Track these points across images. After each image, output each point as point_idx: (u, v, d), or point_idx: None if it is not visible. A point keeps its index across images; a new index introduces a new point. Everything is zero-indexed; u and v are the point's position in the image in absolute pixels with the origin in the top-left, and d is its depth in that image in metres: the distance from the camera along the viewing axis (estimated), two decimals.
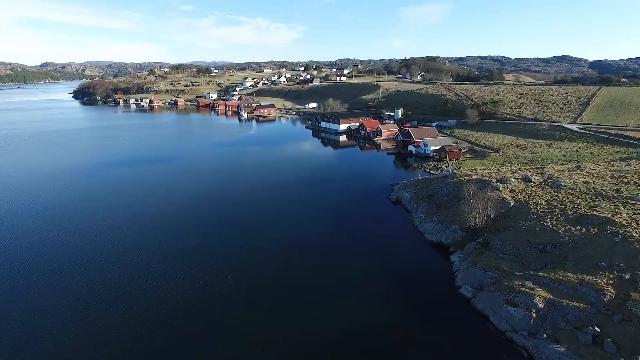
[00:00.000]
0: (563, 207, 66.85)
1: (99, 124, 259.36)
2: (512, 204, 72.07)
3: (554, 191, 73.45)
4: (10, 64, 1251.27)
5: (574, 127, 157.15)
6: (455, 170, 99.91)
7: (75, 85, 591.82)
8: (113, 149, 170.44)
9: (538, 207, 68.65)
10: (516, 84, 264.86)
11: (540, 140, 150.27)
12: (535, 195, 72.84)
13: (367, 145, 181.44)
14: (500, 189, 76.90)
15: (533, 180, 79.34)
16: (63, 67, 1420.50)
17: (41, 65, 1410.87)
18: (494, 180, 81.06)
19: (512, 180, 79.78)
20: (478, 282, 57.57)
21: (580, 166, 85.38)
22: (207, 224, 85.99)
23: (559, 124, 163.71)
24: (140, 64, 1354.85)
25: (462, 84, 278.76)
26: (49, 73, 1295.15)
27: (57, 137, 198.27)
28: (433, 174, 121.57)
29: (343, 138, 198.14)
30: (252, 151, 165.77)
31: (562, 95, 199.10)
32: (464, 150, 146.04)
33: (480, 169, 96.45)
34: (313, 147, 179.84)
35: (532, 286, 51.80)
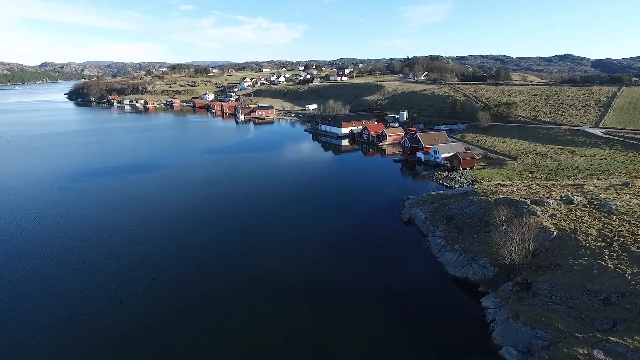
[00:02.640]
0: (622, 239, 53.95)
1: (87, 126, 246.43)
2: (555, 233, 59.14)
3: (604, 217, 60.55)
4: (9, 64, 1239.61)
5: (597, 131, 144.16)
6: (476, 186, 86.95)
7: (72, 85, 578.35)
8: (95, 155, 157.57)
9: (589, 239, 55.74)
10: (528, 84, 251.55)
11: (561, 147, 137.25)
12: (583, 223, 59.90)
13: (370, 150, 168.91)
14: (538, 213, 63.94)
15: (575, 201, 66.37)
16: (62, 67, 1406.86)
17: (40, 66, 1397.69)
18: (528, 202, 68.07)
19: (551, 202, 66.79)
20: (524, 343, 44.62)
21: (629, 183, 72.40)
22: (192, 245, 73.50)
23: (580, 128, 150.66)
24: (140, 63, 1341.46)
25: (469, 84, 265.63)
26: (47, 73, 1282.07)
27: (38, 142, 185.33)
28: (447, 187, 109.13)
29: (345, 142, 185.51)
30: (248, 158, 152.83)
31: (579, 97, 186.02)
32: (477, 157, 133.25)
33: (507, 185, 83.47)
34: (313, 153, 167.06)
35: (602, 357, 38.90)
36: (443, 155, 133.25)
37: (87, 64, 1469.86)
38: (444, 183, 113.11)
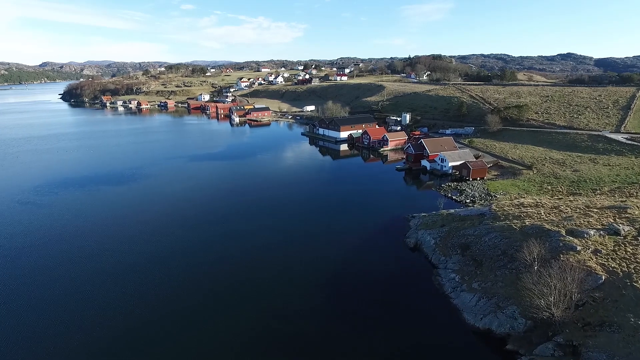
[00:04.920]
0: None
1: (74, 129, 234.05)
2: (603, 277, 46.87)
3: None
4: (8, 64, 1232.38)
5: (619, 137, 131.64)
6: (494, 206, 74.48)
7: (66, 86, 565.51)
8: (73, 162, 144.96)
9: None
10: (538, 85, 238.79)
11: (580, 154, 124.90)
12: (639, 263, 47.58)
13: (371, 156, 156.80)
14: (578, 248, 51.61)
15: (622, 232, 54.05)
16: (61, 67, 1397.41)
17: (41, 65, 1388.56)
18: (563, 232, 55.72)
19: (591, 232, 54.42)
20: None
21: None
22: (162, 274, 61.46)
23: (599, 133, 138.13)
24: (140, 63, 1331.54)
25: (475, 84, 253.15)
26: (46, 73, 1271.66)
27: (15, 147, 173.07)
28: (457, 201, 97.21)
29: (344, 147, 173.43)
30: (236, 166, 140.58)
31: (594, 98, 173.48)
32: (488, 166, 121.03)
33: (531, 207, 70.88)
34: (309, 159, 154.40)
35: None
36: (451, 164, 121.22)
37: (87, 64, 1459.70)
38: (453, 197, 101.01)
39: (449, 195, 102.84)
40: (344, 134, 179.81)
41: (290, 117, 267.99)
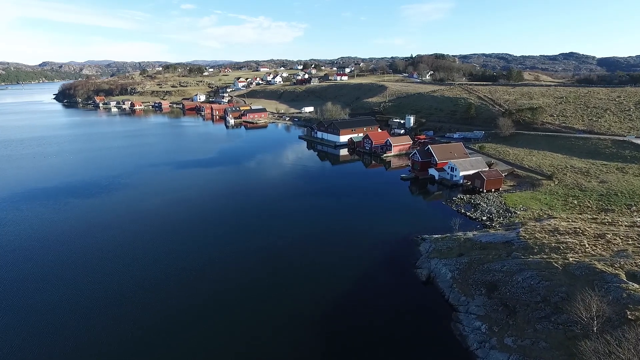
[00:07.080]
0: None
1: (59, 132, 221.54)
2: None
3: None
4: (8, 63, 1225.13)
5: None
6: (522, 231, 62.31)
7: (60, 86, 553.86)
8: (48, 170, 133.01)
9: None
10: (550, 85, 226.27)
11: (605, 162, 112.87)
12: None
13: (373, 162, 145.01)
14: None
15: None
16: (60, 67, 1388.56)
17: (40, 65, 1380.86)
18: (622, 275, 43.69)
19: None
20: None
21: None
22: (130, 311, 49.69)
23: (624, 138, 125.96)
24: (139, 63, 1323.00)
25: (482, 84, 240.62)
26: (44, 73, 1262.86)
27: None
28: (473, 218, 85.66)
29: (344, 152, 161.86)
30: (226, 174, 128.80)
31: (613, 99, 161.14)
32: (504, 175, 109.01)
33: (569, 234, 58.55)
34: (305, 166, 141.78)
35: None
36: (462, 174, 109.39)
37: (87, 64, 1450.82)
38: (467, 212, 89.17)
39: (462, 210, 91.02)
40: (343, 138, 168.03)
41: (287, 118, 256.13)
